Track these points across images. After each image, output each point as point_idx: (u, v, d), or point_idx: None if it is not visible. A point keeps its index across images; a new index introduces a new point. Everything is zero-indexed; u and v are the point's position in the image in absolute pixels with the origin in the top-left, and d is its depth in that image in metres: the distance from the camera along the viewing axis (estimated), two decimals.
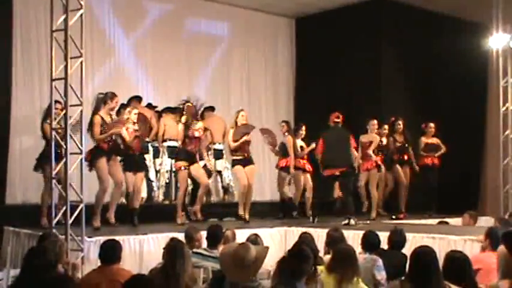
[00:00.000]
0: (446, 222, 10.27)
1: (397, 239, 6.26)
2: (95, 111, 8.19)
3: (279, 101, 13.76)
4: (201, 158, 9.55)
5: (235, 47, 13.19)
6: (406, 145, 11.03)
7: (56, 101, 7.34)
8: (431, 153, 11.39)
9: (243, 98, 13.13)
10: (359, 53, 12.38)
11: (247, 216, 9.48)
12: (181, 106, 9.26)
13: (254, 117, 12.37)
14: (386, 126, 10.90)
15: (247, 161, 9.53)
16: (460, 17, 12.46)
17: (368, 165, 10.46)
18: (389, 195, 11.24)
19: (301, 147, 10.54)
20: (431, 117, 11.67)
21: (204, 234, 6.49)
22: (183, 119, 9.13)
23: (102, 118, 8.10)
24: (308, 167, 10.56)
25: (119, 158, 8.43)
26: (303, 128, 10.73)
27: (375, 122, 10.56)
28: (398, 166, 10.94)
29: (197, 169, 9.16)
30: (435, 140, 11.52)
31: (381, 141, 10.74)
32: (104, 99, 8.25)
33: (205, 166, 9.64)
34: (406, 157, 11.05)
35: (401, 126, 10.97)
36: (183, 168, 9.02)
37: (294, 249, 4.61)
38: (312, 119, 11.11)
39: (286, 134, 10.51)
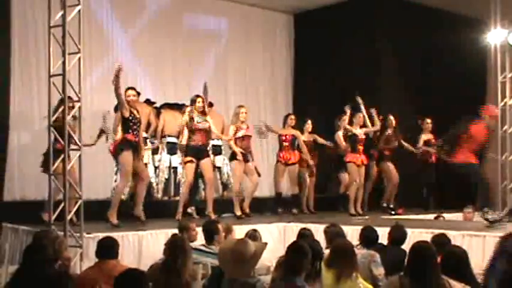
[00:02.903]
0: (442, 216, 10.28)
1: (398, 235, 6.25)
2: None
3: (277, 97, 13.75)
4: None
5: (234, 43, 13.17)
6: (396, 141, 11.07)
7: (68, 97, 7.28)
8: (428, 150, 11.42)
9: (241, 94, 13.10)
10: (357, 48, 12.38)
11: (247, 210, 9.47)
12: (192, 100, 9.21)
13: (252, 112, 12.35)
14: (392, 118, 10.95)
15: (246, 157, 9.54)
16: (457, 12, 12.45)
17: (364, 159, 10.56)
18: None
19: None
20: (429, 112, 11.67)
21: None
22: (188, 111, 9.11)
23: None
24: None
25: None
26: (309, 122, 10.73)
27: (361, 114, 10.56)
28: (389, 163, 10.97)
29: (202, 165, 9.12)
30: (431, 136, 11.52)
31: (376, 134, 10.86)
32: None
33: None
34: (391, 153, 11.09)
35: (394, 121, 10.98)
36: (188, 163, 8.99)
37: (292, 245, 4.62)
38: (310, 114, 11.10)
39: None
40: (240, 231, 7.11)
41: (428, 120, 11.49)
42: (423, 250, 4.20)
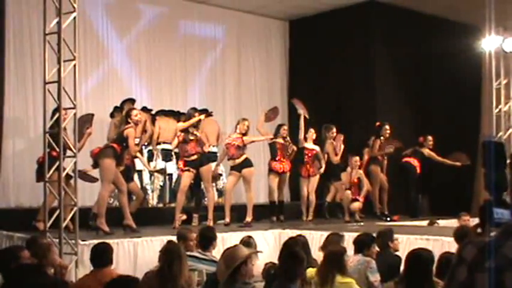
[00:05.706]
0: (437, 223, 10.27)
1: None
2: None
3: (273, 103, 13.69)
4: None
5: (229, 50, 13.18)
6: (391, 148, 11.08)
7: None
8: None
9: (236, 100, 13.12)
10: (352, 55, 12.40)
11: (249, 220, 9.44)
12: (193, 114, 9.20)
13: (248, 118, 12.37)
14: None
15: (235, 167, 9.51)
16: (452, 19, 12.49)
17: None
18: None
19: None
20: (424, 118, 11.68)
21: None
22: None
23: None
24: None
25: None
26: (312, 130, 10.67)
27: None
28: (378, 167, 10.94)
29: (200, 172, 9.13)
30: (432, 153, 11.40)
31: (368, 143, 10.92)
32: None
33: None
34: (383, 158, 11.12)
35: (388, 131, 10.94)
36: (186, 172, 8.98)
37: (287, 252, 4.63)
38: (305, 120, 11.10)
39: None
40: (236, 238, 7.10)
41: (430, 138, 11.39)
42: (421, 258, 4.21)
